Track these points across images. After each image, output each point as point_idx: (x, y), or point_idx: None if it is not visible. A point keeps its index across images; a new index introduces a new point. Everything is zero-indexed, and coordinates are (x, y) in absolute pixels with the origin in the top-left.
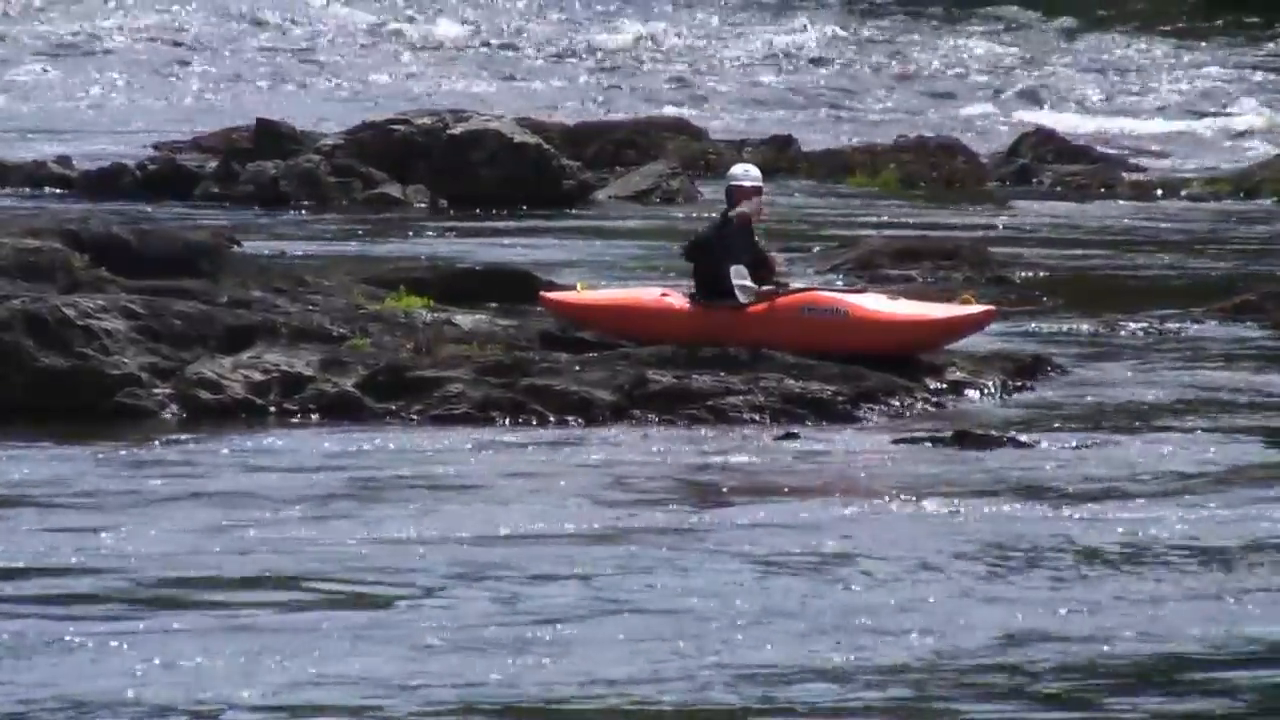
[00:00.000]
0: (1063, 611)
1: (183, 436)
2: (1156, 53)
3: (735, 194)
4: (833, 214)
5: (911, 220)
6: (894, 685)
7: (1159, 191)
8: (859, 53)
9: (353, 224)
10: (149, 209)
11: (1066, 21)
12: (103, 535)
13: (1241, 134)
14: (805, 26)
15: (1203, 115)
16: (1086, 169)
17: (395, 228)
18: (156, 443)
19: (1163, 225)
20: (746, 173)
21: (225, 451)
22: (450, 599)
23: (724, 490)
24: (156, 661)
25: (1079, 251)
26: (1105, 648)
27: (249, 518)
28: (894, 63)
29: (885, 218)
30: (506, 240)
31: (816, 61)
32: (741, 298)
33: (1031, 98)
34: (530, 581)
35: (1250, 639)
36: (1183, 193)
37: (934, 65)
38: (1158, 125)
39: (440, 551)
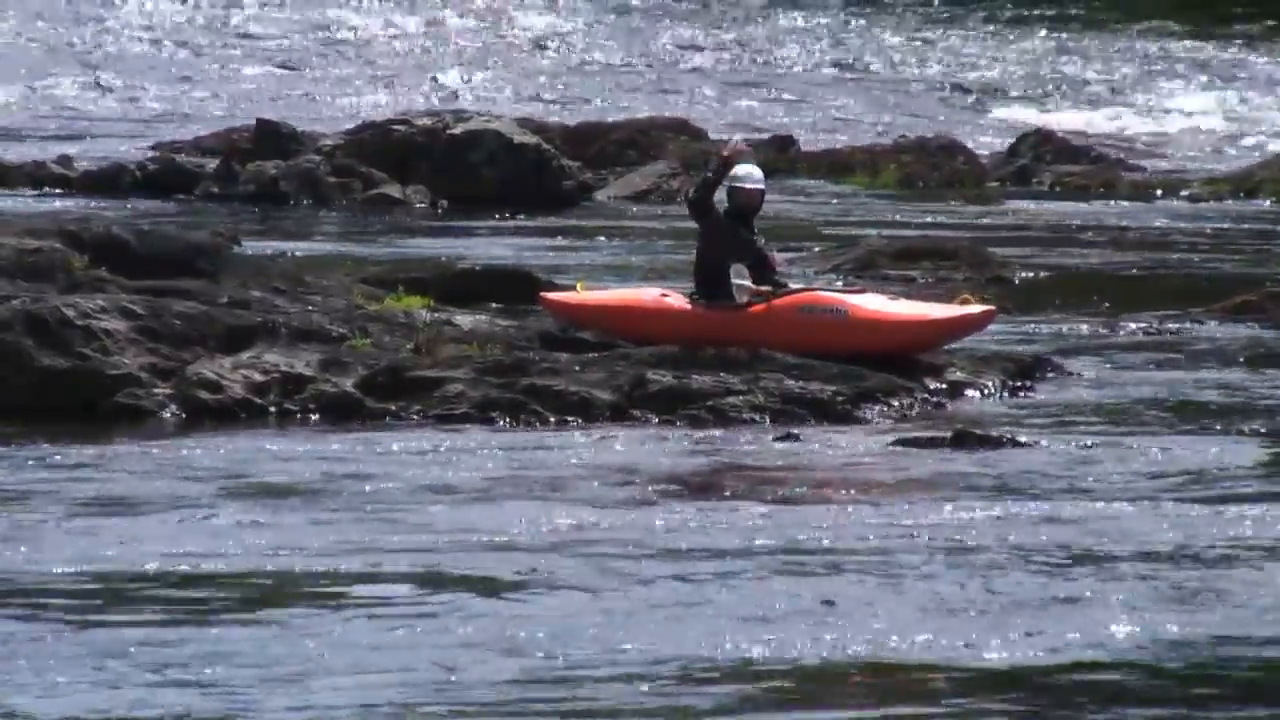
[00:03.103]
0: (1061, 612)
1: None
2: (1157, 52)
3: (739, 195)
4: (833, 214)
5: (911, 220)
6: (891, 685)
7: (1159, 191)
8: (859, 52)
9: (353, 224)
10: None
11: (1065, 20)
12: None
13: (1241, 134)
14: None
15: (1203, 115)
16: (1086, 169)
17: (395, 228)
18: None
19: (1162, 225)
20: (750, 174)
21: (222, 451)
22: (431, 602)
23: (723, 491)
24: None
25: (1079, 251)
26: (1104, 647)
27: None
28: (894, 62)
29: (885, 218)
30: (506, 240)
31: (816, 60)
32: (738, 297)
33: (1031, 98)
34: (529, 582)
35: (1249, 640)
36: (1183, 193)
37: (934, 65)
38: (1157, 125)
39: (426, 553)
